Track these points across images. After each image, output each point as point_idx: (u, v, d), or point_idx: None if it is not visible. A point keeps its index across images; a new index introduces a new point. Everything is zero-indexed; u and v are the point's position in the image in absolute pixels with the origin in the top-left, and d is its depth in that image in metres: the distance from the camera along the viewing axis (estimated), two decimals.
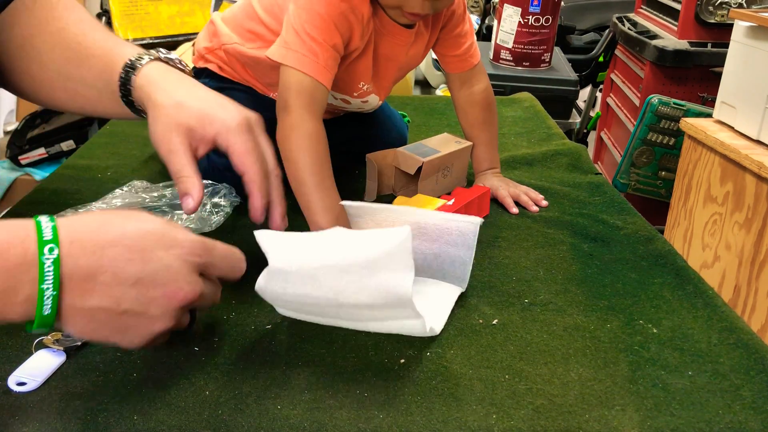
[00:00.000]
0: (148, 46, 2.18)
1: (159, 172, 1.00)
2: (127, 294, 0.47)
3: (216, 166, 0.85)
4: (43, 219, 0.47)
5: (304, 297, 0.56)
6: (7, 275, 0.44)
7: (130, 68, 0.66)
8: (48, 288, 0.45)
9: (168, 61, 0.68)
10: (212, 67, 0.95)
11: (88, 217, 0.49)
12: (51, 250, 0.45)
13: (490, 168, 0.97)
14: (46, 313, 0.45)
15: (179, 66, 0.69)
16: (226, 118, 0.63)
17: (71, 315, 0.47)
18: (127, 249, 0.47)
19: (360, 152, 0.98)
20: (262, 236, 0.57)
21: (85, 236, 0.47)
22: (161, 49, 0.70)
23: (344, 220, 0.70)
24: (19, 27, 0.70)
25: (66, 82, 0.69)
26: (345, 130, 1.02)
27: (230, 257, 0.55)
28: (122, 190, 0.87)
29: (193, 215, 0.80)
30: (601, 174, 1.03)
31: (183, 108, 0.63)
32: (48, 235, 0.45)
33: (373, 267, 0.52)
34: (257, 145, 0.64)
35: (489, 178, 0.96)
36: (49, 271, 0.45)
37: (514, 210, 0.90)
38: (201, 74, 0.96)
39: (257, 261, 0.75)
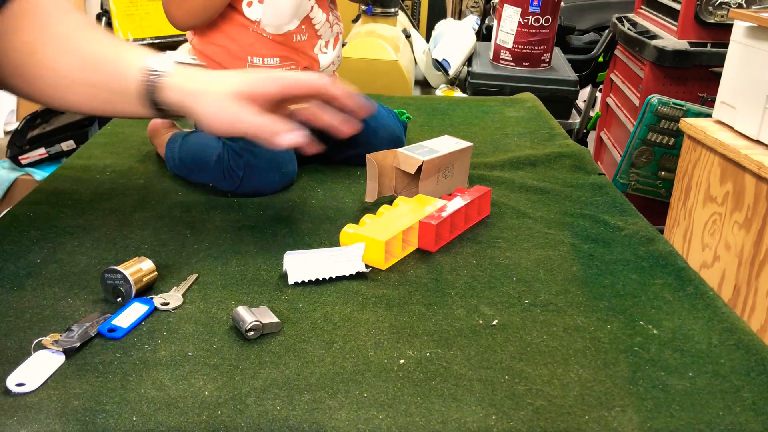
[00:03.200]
0: (148, 47, 2.20)
1: (156, 172, 1.00)
2: None
3: (234, 150, 0.92)
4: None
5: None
6: None
7: (153, 71, 0.68)
8: None
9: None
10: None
11: None
12: None
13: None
14: None
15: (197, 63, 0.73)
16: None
17: None
18: None
19: (351, 157, 1.02)
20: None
21: None
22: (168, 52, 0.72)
23: None
24: (23, 33, 0.70)
25: (78, 86, 0.70)
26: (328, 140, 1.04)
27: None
28: None
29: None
30: (604, 174, 1.03)
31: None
32: None
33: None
34: None
35: None
36: None
37: None
38: None
39: (254, 261, 0.75)
